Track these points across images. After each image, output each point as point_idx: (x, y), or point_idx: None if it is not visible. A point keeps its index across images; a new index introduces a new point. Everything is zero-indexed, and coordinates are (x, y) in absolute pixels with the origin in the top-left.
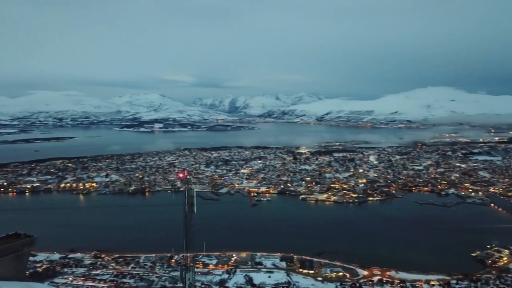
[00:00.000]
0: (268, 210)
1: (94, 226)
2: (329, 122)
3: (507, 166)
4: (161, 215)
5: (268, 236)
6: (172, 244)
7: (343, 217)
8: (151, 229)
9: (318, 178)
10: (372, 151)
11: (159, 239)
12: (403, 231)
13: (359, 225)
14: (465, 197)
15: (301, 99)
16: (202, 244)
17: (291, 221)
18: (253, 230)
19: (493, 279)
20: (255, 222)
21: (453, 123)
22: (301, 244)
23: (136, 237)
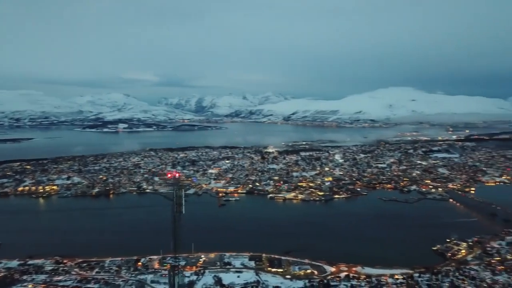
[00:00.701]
0: (236, 210)
1: (55, 231)
2: (296, 121)
3: (464, 163)
4: (127, 217)
5: (237, 236)
6: (139, 246)
7: (310, 215)
8: (116, 232)
9: (286, 177)
10: (337, 150)
11: (125, 242)
12: (368, 228)
13: (326, 222)
14: (426, 193)
15: (268, 99)
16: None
17: (260, 220)
18: (221, 231)
19: (452, 271)
20: (223, 222)
21: (414, 122)
22: (269, 243)
23: (101, 240)
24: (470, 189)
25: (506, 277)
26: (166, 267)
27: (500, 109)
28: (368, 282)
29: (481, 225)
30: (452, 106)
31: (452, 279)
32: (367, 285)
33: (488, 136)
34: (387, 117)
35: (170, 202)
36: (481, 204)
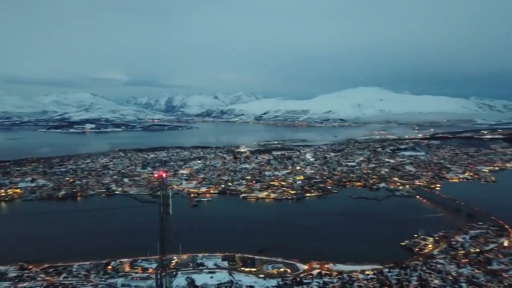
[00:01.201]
0: (209, 210)
1: (19, 235)
2: (267, 121)
3: (430, 160)
4: (96, 220)
5: (210, 236)
6: (109, 249)
7: (283, 213)
8: (84, 235)
9: (258, 176)
10: (308, 149)
11: (94, 245)
12: (339, 225)
13: (298, 220)
14: (394, 190)
15: (239, 99)
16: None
17: (233, 220)
18: (193, 231)
19: (420, 265)
20: (195, 223)
21: (382, 121)
22: (243, 242)
23: (68, 245)
24: (436, 186)
25: (470, 269)
26: (137, 269)
27: (463, 108)
28: (340, 278)
29: (446, 220)
30: (418, 105)
31: (420, 273)
32: (339, 282)
33: (452, 134)
34: (356, 116)
35: (140, 204)
36: (446, 200)
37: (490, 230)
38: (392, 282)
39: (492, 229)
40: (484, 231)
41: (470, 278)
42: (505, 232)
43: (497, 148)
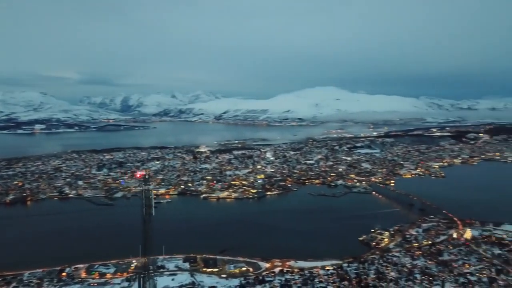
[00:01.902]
0: (168, 211)
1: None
2: (227, 120)
3: (384, 157)
4: (48, 225)
5: (170, 238)
6: (63, 255)
7: (245, 213)
8: (36, 241)
9: (219, 176)
10: (268, 148)
11: (47, 252)
12: (300, 222)
13: (260, 219)
14: (351, 187)
15: (198, 98)
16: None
17: (194, 221)
18: (153, 234)
19: (377, 259)
20: (155, 225)
21: (339, 120)
22: (204, 243)
23: (18, 252)
24: (390, 182)
25: (423, 261)
26: (94, 275)
27: (414, 107)
28: (301, 275)
29: (401, 215)
30: (373, 104)
31: (377, 266)
32: (301, 278)
33: (404, 132)
34: (314, 115)
35: (96, 207)
36: (400, 195)
37: (441, 223)
38: (351, 276)
39: (443, 222)
40: (435, 224)
41: (424, 269)
42: (454, 225)
43: (445, 145)
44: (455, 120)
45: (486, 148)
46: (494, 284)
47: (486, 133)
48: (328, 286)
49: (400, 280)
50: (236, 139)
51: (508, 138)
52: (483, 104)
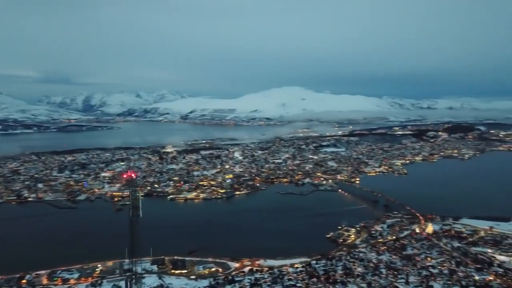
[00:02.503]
0: None
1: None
2: (194, 120)
3: (349, 156)
4: (5, 230)
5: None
6: (23, 262)
7: (213, 213)
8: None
9: (186, 176)
10: (236, 147)
11: (5, 258)
12: (269, 221)
13: (229, 219)
14: (318, 185)
15: (163, 97)
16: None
17: (161, 222)
18: (118, 236)
19: (344, 255)
20: (120, 228)
21: (305, 119)
22: (172, 244)
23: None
24: (356, 180)
25: (388, 256)
26: (56, 281)
27: (377, 106)
28: (270, 274)
29: (366, 212)
30: (338, 104)
31: (345, 262)
32: (270, 277)
33: (368, 131)
34: (281, 115)
35: (58, 210)
36: (365, 192)
37: (404, 218)
38: (319, 273)
39: (406, 218)
40: (399, 220)
41: (389, 264)
42: (417, 220)
43: (407, 143)
44: (416, 119)
45: (445, 146)
46: (454, 275)
47: (445, 132)
48: (297, 284)
49: (367, 275)
50: (203, 139)
51: (465, 136)
52: (441, 103)
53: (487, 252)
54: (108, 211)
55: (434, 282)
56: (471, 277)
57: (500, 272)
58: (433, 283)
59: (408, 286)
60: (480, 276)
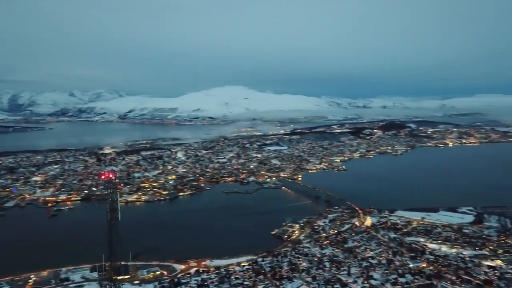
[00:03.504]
0: (71, 219)
1: None
2: (133, 120)
3: (292, 154)
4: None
5: (74, 247)
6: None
7: (156, 215)
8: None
9: (127, 178)
10: (179, 147)
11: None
12: (214, 221)
13: (173, 221)
14: (262, 183)
15: (100, 96)
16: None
17: (100, 227)
18: (54, 244)
19: (289, 251)
20: (56, 235)
21: (248, 118)
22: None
23: None
24: (298, 177)
25: (331, 249)
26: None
27: (316, 106)
28: (217, 274)
29: (309, 207)
30: (279, 103)
31: (290, 258)
32: (217, 277)
33: (309, 129)
34: (224, 114)
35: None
36: (307, 189)
37: (345, 213)
38: (266, 270)
39: (346, 212)
40: (339, 214)
41: (332, 257)
42: (356, 214)
43: (345, 140)
44: (353, 118)
45: (379, 142)
46: (391, 265)
47: (379, 129)
48: (244, 282)
49: (311, 269)
50: (144, 139)
51: (397, 133)
52: (376, 102)
53: (419, 241)
54: (41, 217)
55: (373, 272)
56: (407, 265)
57: (431, 259)
58: (373, 273)
59: (350, 278)
60: (414, 264)
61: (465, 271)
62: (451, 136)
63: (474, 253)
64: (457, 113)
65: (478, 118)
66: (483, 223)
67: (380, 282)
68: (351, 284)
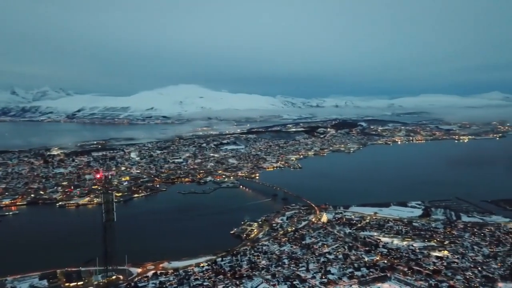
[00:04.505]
0: (16, 225)
1: None
2: (83, 119)
3: (249, 153)
4: None
5: (20, 255)
6: None
7: None
8: None
9: (77, 181)
10: (133, 147)
11: None
12: (172, 222)
13: (128, 223)
14: (220, 183)
15: (45, 95)
16: None
17: (49, 232)
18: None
19: (249, 250)
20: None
21: (204, 117)
22: (65, 255)
23: None
24: (255, 175)
25: (289, 246)
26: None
27: (271, 105)
28: (176, 275)
29: (267, 205)
30: (235, 102)
31: (250, 256)
32: (176, 279)
33: (265, 128)
34: (179, 113)
35: None
36: (265, 187)
37: (302, 210)
38: (226, 269)
39: (303, 209)
40: (297, 211)
41: (290, 254)
42: (313, 210)
43: (300, 139)
44: (307, 117)
45: (333, 141)
46: (347, 259)
47: (333, 128)
48: (204, 283)
49: (271, 267)
50: (95, 139)
51: (349, 131)
52: (328, 102)
53: (373, 235)
54: None
55: (331, 267)
56: (362, 259)
57: (384, 252)
58: (330, 268)
59: (309, 273)
60: (369, 257)
61: (416, 262)
62: (399, 134)
63: (423, 245)
64: (404, 112)
65: (424, 116)
66: (431, 216)
67: (337, 276)
68: (309, 280)
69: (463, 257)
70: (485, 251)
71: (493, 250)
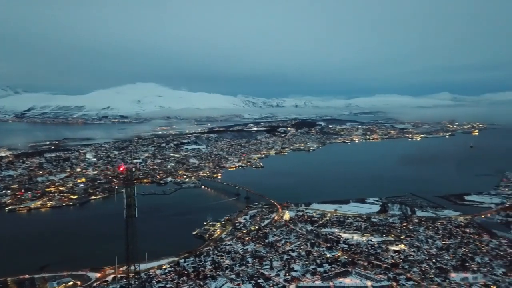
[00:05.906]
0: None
1: None
2: (33, 119)
3: (211, 152)
4: None
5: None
6: None
7: (65, 222)
8: None
9: (28, 183)
10: (88, 148)
11: None
12: None
13: (84, 227)
14: (181, 183)
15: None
16: None
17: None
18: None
19: (212, 250)
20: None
21: (163, 117)
22: (16, 262)
23: None
24: (218, 175)
25: (253, 245)
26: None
27: (232, 104)
28: (137, 279)
29: (230, 205)
30: (195, 101)
31: (213, 257)
32: (137, 282)
33: (226, 128)
34: (137, 112)
35: None
36: (227, 186)
37: (264, 208)
38: (189, 271)
39: (265, 208)
40: (259, 210)
41: (254, 253)
42: (275, 208)
43: (262, 138)
44: (268, 116)
45: (293, 140)
46: (310, 256)
47: (293, 127)
48: (167, 285)
49: (235, 266)
50: (47, 139)
51: (309, 131)
52: (288, 102)
53: (334, 232)
54: None
55: (294, 264)
56: (324, 255)
57: (345, 248)
58: (293, 265)
59: (273, 271)
60: (330, 253)
61: (375, 256)
62: (356, 133)
63: (381, 240)
64: (361, 111)
65: (380, 116)
66: (388, 211)
67: (300, 273)
68: (273, 278)
69: (418, 250)
70: (439, 243)
71: (446, 243)
